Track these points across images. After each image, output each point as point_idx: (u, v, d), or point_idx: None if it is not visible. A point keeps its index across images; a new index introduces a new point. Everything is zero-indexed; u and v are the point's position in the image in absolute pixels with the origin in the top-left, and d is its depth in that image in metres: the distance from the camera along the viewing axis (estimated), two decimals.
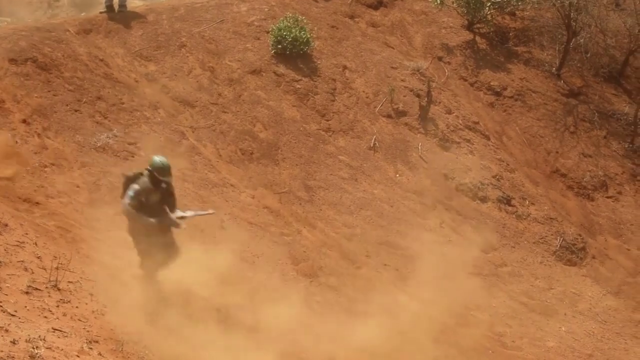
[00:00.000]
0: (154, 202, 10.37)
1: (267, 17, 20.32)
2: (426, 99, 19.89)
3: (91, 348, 7.50)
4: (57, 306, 8.51)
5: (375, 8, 22.95)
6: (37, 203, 12.07)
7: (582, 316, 16.23)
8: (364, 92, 19.51)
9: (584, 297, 16.86)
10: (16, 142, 13.61)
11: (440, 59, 22.00)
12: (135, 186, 10.21)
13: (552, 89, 22.30)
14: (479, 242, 17.01)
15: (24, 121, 14.39)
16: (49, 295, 8.68)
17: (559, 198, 19.72)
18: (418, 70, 20.61)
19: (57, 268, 9.19)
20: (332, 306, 13.19)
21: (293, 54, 19.26)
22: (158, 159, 10.37)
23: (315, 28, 20.35)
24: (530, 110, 21.47)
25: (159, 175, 10.33)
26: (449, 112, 20.07)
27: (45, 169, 13.51)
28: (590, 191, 20.24)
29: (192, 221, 11.44)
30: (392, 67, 20.49)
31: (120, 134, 15.23)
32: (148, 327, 9.91)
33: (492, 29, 23.18)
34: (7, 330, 6.82)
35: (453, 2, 22.84)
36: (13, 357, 6.29)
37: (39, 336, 7.00)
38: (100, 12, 18.76)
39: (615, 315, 16.62)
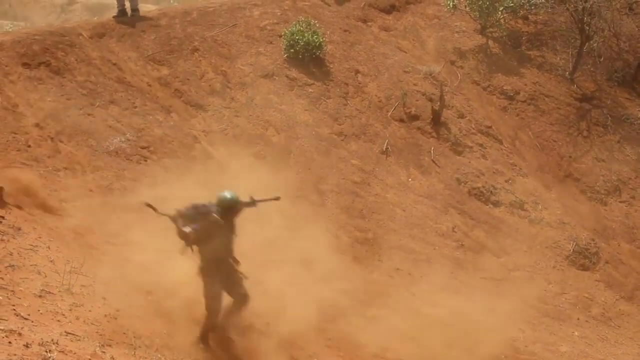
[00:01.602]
0: None
1: (279, 21, 20.34)
2: (439, 103, 19.85)
3: (104, 352, 7.50)
4: (70, 310, 8.52)
5: (388, 12, 22.95)
6: (51, 207, 12.08)
7: (595, 321, 16.18)
8: (376, 96, 19.50)
9: (597, 301, 16.80)
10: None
11: (452, 63, 21.98)
12: None
13: (565, 93, 22.25)
14: (491, 246, 16.97)
15: (37, 125, 14.41)
16: (62, 299, 8.68)
17: (572, 202, 19.65)
18: (431, 75, 20.60)
19: (70, 272, 9.20)
20: (345, 311, 13.16)
21: (305, 58, 19.27)
22: None
23: (328, 32, 20.36)
24: (544, 114, 21.43)
25: None
26: (462, 116, 20.04)
27: (59, 173, 13.54)
28: (603, 196, 20.18)
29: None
30: (405, 71, 20.49)
31: (133, 138, 15.24)
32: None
33: (504, 33, 23.15)
34: (20, 334, 6.83)
35: (466, 7, 22.85)
36: None
37: (52, 340, 7.01)
38: (113, 17, 18.78)
39: (629, 320, 16.57)
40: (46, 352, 6.65)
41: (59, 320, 8.04)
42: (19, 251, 9.52)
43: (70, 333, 7.67)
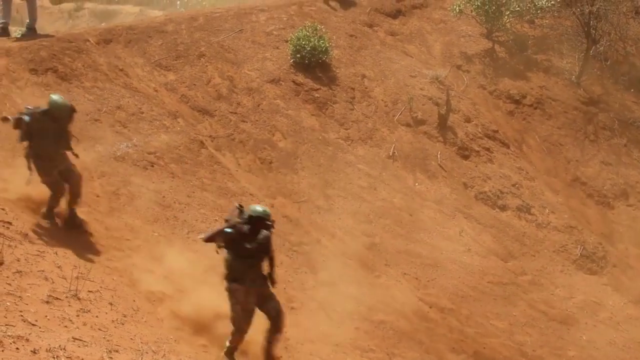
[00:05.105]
0: None
1: (286, 26, 20.36)
2: (445, 107, 19.87)
3: (111, 357, 7.51)
4: (77, 315, 8.53)
5: (394, 17, 22.96)
6: (57, 213, 12.10)
7: (603, 325, 16.14)
8: (382, 100, 19.51)
9: (604, 305, 16.76)
10: None
11: (459, 67, 21.98)
12: None
13: (572, 97, 22.23)
14: (498, 250, 16.95)
15: None
16: (69, 305, 8.70)
17: (579, 206, 19.63)
18: (437, 79, 20.59)
19: (77, 277, 9.22)
20: (352, 315, 13.16)
21: (312, 63, 19.28)
22: None
23: (334, 37, 20.38)
24: (550, 118, 21.41)
25: None
26: (468, 120, 20.03)
27: None
28: (610, 199, 20.15)
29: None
30: (411, 76, 20.49)
31: (140, 144, 15.26)
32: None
33: (511, 37, 23.16)
34: (27, 340, 6.84)
35: (472, 11, 22.85)
36: None
37: (59, 345, 7.01)
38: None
39: (637, 324, 16.52)
40: (54, 357, 6.66)
41: (66, 326, 8.05)
42: (26, 257, 9.54)
43: (77, 339, 7.68)
